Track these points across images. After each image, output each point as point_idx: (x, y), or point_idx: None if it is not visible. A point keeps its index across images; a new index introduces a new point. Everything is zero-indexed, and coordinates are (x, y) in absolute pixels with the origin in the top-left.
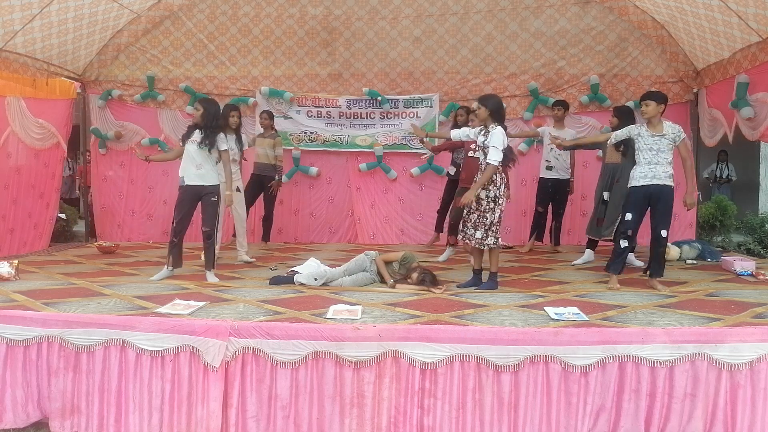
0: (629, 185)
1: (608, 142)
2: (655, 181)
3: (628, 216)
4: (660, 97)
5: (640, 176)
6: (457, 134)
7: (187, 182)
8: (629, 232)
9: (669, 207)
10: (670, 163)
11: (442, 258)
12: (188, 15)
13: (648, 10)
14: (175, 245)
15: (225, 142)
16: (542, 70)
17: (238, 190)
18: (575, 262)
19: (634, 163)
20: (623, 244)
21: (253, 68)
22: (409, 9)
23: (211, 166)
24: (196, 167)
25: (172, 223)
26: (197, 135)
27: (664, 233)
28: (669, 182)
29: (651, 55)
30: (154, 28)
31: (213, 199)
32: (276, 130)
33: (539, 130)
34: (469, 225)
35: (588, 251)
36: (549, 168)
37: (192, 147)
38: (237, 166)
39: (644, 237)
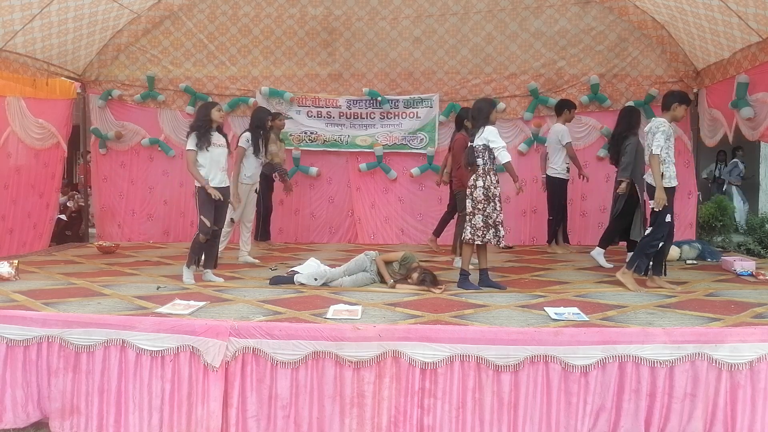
0: (668, 185)
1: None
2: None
3: (668, 218)
4: None
5: (674, 176)
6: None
7: (214, 184)
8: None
9: None
10: None
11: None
12: (188, 15)
13: (648, 10)
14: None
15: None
16: (542, 70)
17: (256, 191)
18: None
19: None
20: (660, 246)
21: (253, 68)
22: (409, 9)
23: (226, 167)
24: (221, 170)
25: (206, 224)
26: (220, 138)
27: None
28: None
29: (651, 55)
30: (154, 28)
31: (228, 200)
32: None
33: (561, 130)
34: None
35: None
36: (568, 170)
37: (219, 150)
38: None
39: None
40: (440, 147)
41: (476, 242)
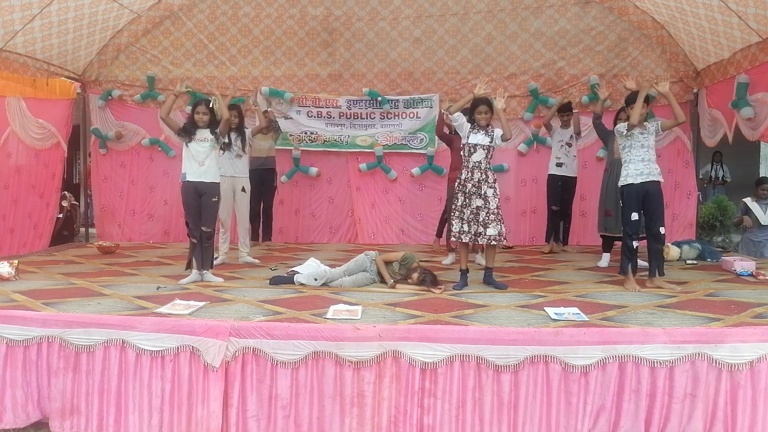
0: (623, 183)
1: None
2: (650, 178)
3: (635, 216)
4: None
5: (635, 173)
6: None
7: (191, 178)
8: (638, 233)
9: (662, 203)
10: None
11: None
12: (188, 15)
13: (648, 10)
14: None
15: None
16: (542, 71)
17: (243, 190)
18: (601, 264)
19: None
20: (635, 244)
21: (254, 68)
22: (410, 9)
23: (213, 163)
24: (198, 164)
25: (187, 225)
26: (204, 134)
27: (662, 230)
28: (660, 178)
29: (651, 55)
30: (154, 28)
31: (214, 199)
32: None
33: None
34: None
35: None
36: (559, 165)
37: (199, 146)
38: (242, 161)
39: None
40: (440, 147)
41: (452, 238)
